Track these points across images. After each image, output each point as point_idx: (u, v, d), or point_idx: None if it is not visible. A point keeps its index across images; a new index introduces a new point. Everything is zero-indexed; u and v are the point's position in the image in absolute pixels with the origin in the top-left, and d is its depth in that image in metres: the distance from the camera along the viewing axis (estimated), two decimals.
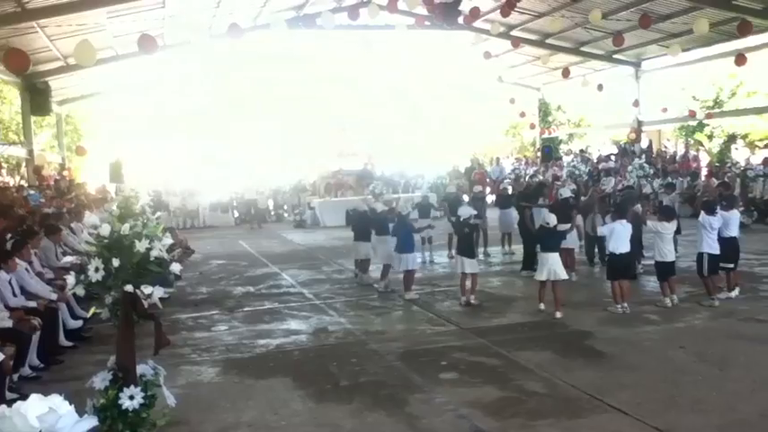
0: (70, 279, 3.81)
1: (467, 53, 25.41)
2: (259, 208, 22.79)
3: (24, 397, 1.53)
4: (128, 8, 15.00)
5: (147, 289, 3.99)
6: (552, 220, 8.74)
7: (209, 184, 24.38)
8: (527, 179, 22.37)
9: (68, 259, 8.92)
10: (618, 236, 8.55)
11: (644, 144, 25.80)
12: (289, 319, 8.90)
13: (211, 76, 32.06)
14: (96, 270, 3.62)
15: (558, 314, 8.38)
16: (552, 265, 8.48)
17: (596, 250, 11.76)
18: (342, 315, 9.02)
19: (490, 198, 19.66)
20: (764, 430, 4.86)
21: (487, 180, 23.75)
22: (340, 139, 28.60)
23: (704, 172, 20.93)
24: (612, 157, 24.67)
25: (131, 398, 3.60)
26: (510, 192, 14.56)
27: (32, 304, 7.23)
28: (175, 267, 5.77)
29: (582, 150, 26.75)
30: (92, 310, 4.21)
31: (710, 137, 25.87)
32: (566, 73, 21.60)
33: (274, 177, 25.87)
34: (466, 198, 14.96)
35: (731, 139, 25.34)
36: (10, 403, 1.52)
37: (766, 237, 14.16)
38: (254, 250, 15.88)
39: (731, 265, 8.99)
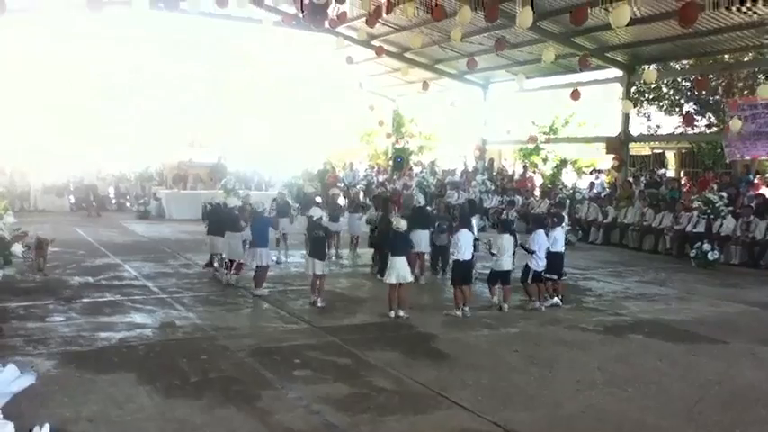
0: None
1: (328, 57, 25.53)
2: (99, 195, 21.45)
3: None
4: None
5: None
6: (403, 225, 9.15)
7: (42, 165, 22.49)
8: (377, 187, 23.04)
9: None
10: (462, 244, 9.10)
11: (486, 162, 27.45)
12: (132, 312, 8.51)
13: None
14: None
15: (402, 312, 8.74)
16: (400, 269, 8.85)
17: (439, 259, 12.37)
18: (190, 310, 8.76)
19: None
20: (586, 423, 5.42)
21: (339, 184, 24.07)
22: (192, 129, 27.53)
23: (537, 192, 22.61)
24: (458, 172, 25.98)
25: None
26: (361, 198, 14.93)
27: None
28: (17, 249, 5.38)
29: (432, 163, 27.88)
30: None
31: (545, 160, 28.02)
32: (425, 86, 22.55)
33: (118, 163, 24.37)
34: (319, 200, 15.08)
35: (563, 163, 27.60)
36: None
37: (589, 254, 15.61)
38: (92, 239, 14.93)
39: (555, 276, 9.88)
